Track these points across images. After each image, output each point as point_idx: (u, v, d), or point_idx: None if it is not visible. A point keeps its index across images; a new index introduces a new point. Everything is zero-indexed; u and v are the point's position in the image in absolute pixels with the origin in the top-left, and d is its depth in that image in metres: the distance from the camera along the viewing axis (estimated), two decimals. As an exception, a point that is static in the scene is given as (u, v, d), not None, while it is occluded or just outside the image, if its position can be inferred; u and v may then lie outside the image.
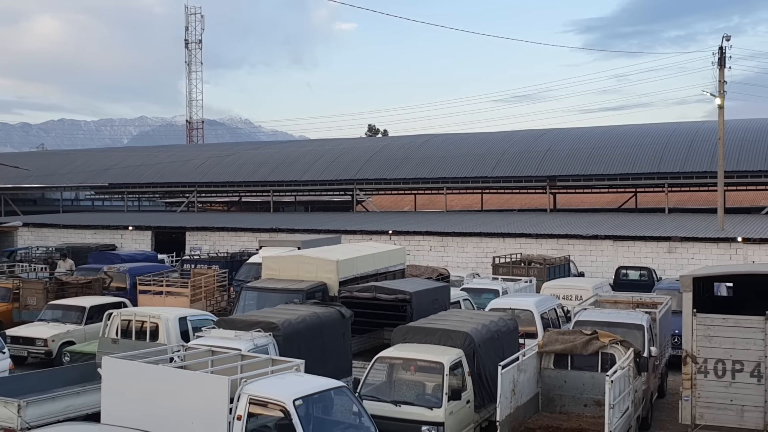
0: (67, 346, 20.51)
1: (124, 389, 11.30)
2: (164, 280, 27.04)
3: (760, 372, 12.71)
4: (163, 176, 57.89)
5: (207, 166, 58.12)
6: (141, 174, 58.87)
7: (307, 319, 14.95)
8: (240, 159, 58.81)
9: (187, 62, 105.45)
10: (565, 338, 14.66)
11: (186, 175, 57.39)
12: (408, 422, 12.61)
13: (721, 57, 35.66)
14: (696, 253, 34.65)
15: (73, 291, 26.11)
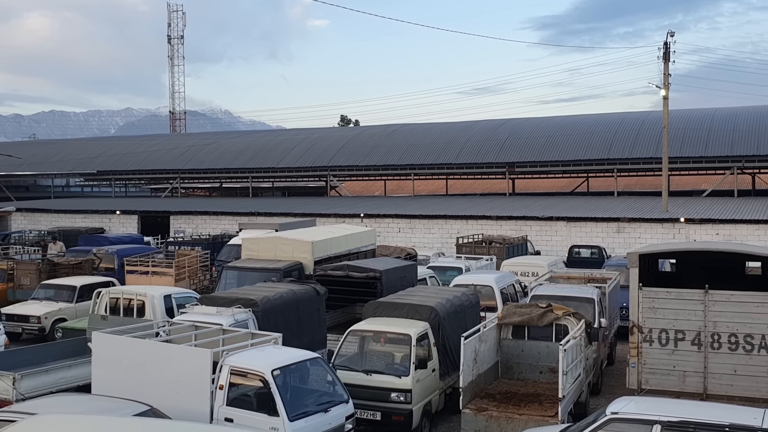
0: (59, 323, 20.35)
1: (112, 362, 11.27)
2: (150, 261, 26.86)
3: (700, 340, 12.83)
4: (149, 164, 57.33)
5: (189, 154, 57.62)
6: (127, 162, 58.23)
7: (284, 296, 14.96)
8: (220, 147, 58.32)
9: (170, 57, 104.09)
10: (522, 311, 14.77)
11: (170, 162, 56.86)
12: (378, 390, 12.68)
13: (666, 52, 35.96)
14: (642, 233, 35.08)
15: (64, 271, 25.89)
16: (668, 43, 35.96)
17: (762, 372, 12.44)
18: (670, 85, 36.32)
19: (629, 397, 10.88)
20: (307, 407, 10.52)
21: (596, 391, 15.73)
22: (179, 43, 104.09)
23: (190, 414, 10.36)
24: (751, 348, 12.53)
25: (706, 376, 12.80)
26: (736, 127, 43.98)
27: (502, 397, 13.08)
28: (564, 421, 11.70)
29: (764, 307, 12.48)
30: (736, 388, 12.57)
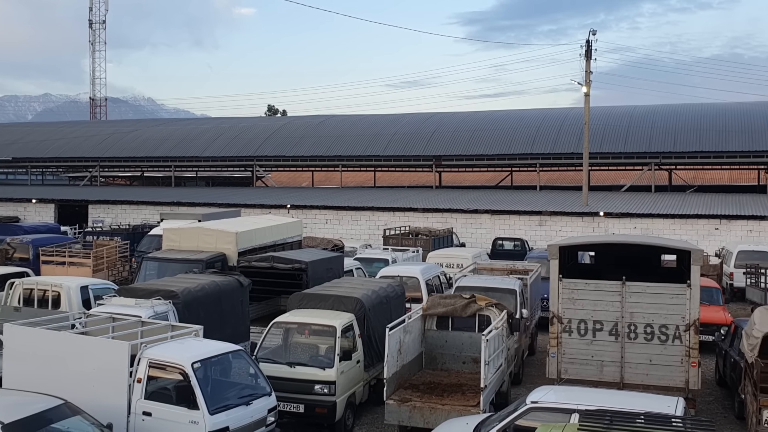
0: (-33, 316, 19.41)
1: (25, 355, 10.85)
2: (67, 251, 26.04)
3: (618, 331, 13.07)
4: (67, 151, 55.60)
5: (110, 141, 56.04)
6: (45, 149, 56.31)
7: (206, 288, 14.69)
8: (142, 135, 56.92)
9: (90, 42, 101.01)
10: (446, 302, 14.88)
11: (89, 150, 55.25)
12: (302, 382, 12.57)
13: (588, 50, 36.85)
14: (563, 226, 35.94)
15: (-26, 262, 24.79)
16: (590, 41, 36.86)
17: (676, 361, 12.77)
18: (591, 82, 37.28)
19: (549, 387, 11.09)
20: (228, 400, 10.35)
21: (517, 380, 15.95)
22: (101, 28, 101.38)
23: (107, 408, 10.07)
24: (666, 338, 12.84)
25: (623, 366, 13.02)
26: (654, 125, 45.45)
27: (426, 388, 13.14)
28: (486, 410, 11.83)
29: (678, 299, 12.82)
30: (651, 377, 12.86)
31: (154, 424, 10.04)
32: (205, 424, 9.80)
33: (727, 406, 14.78)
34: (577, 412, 9.40)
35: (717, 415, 14.08)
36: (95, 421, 9.50)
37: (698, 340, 12.83)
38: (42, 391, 9.86)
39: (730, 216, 34.24)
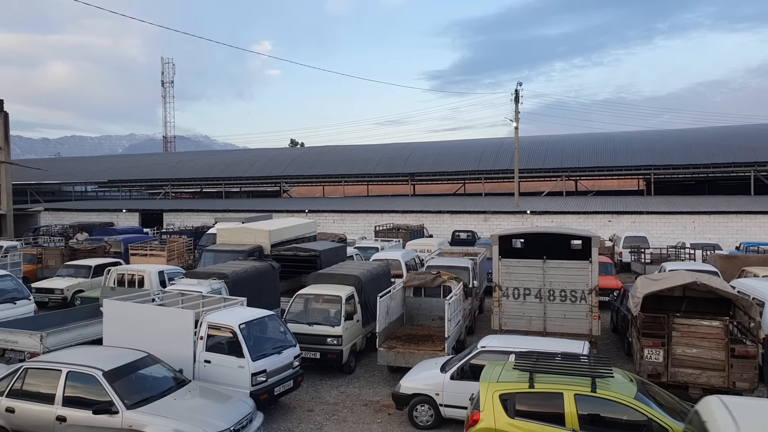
0: (78, 294, 19.25)
1: (119, 322, 10.78)
2: (148, 246, 25.80)
3: (541, 294, 13.07)
4: (147, 174, 55.13)
5: (177, 167, 55.67)
6: (131, 173, 55.87)
7: (248, 270, 14.63)
8: (200, 162, 56.56)
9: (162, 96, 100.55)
10: (420, 277, 14.87)
11: (163, 173, 54.80)
12: (318, 336, 12.56)
13: (516, 96, 36.94)
14: (502, 221, 36.01)
15: (82, 255, 24.57)
16: (518, 90, 36.95)
17: (583, 316, 12.78)
18: (519, 119, 37.40)
19: (494, 335, 11.10)
20: (265, 350, 10.30)
21: (471, 332, 15.94)
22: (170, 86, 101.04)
23: (178, 358, 10.02)
24: (575, 299, 12.85)
25: (545, 320, 13.06)
26: (564, 148, 45.62)
27: (406, 338, 13.12)
28: (449, 353, 11.85)
29: (583, 271, 12.83)
30: (565, 327, 12.87)
31: (213, 369, 9.99)
32: (249, 367, 9.77)
33: (619, 347, 14.83)
34: (513, 353, 9.43)
35: (612, 353, 14.14)
36: (170, 367, 9.47)
37: (598, 300, 12.85)
38: (132, 347, 9.81)
39: (619, 212, 34.42)
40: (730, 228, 32.25)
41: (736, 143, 40.78)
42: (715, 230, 32.35)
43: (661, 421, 7.04)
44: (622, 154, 42.81)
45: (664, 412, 7.26)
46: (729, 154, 39.75)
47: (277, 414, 10.56)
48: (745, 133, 43.11)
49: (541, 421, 7.37)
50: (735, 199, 36.44)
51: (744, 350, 10.09)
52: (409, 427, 9.91)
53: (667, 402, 7.72)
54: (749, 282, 14.47)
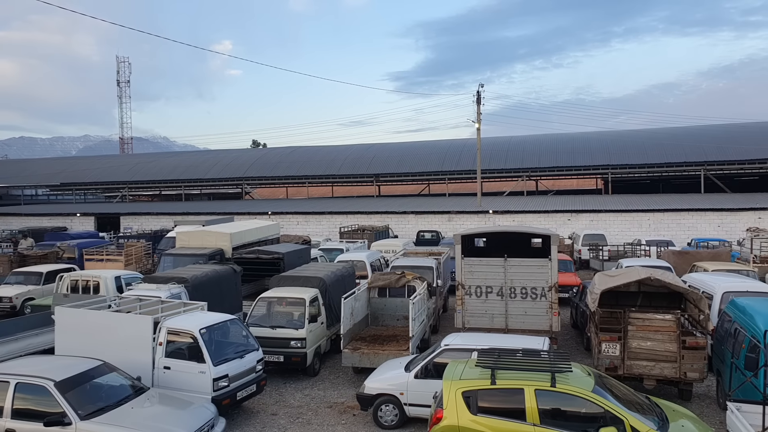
0: (28, 302, 18.51)
1: (72, 330, 10.44)
2: (104, 251, 25.09)
3: (502, 292, 13.25)
4: (103, 177, 53.63)
5: (135, 169, 54.31)
6: (86, 176, 54.25)
7: (209, 274, 14.38)
8: (159, 164, 55.33)
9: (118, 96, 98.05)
10: (384, 277, 14.88)
11: (120, 176, 53.40)
12: (281, 339, 12.44)
13: (478, 97, 37.45)
14: (465, 221, 36.45)
15: (32, 261, 23.63)
16: (480, 91, 37.46)
17: (543, 312, 13.02)
18: (481, 120, 37.92)
19: (457, 334, 11.20)
20: (227, 355, 10.15)
21: (435, 330, 16.10)
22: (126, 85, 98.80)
23: (136, 365, 9.78)
24: (536, 296, 13.08)
25: (507, 317, 13.22)
26: (524, 149, 46.47)
27: (371, 339, 13.14)
28: (414, 352, 11.91)
29: (543, 268, 13.08)
30: (526, 324, 13.07)
31: (173, 375, 9.79)
32: (210, 372, 9.60)
33: (579, 342, 15.15)
34: (476, 350, 9.56)
35: (572, 348, 14.46)
36: (127, 375, 9.23)
37: (557, 297, 13.10)
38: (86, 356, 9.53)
39: (577, 210, 35.28)
40: (682, 225, 33.46)
41: (687, 143, 42.33)
42: (668, 227, 33.52)
43: (617, 413, 7.26)
44: (580, 155, 43.87)
45: (620, 403, 7.49)
46: (681, 154, 41.22)
47: (240, 419, 10.44)
48: (696, 134, 44.79)
49: (503, 417, 7.49)
50: (687, 197, 37.83)
51: (694, 342, 10.48)
52: (374, 428, 9.93)
53: (623, 394, 7.95)
54: (699, 276, 15.05)
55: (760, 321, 9.65)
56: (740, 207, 33.04)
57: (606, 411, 7.27)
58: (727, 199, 35.69)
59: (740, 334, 10.02)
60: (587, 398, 7.37)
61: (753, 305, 10.58)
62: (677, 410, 8.20)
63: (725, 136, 42.81)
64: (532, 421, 7.36)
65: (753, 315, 10.04)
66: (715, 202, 34.87)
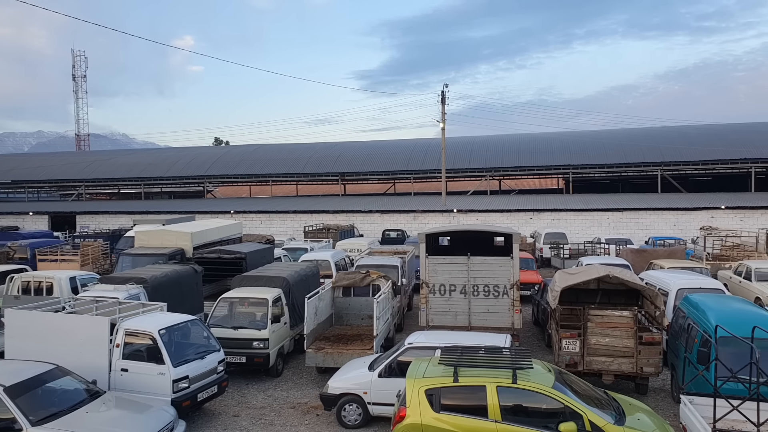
0: (-25, 305, 17.70)
1: (23, 332, 10.07)
2: (59, 251, 24.27)
3: (466, 290, 13.34)
4: (58, 174, 51.80)
5: (92, 167, 52.68)
6: (39, 173, 52.28)
7: (169, 274, 14.09)
8: (118, 161, 53.85)
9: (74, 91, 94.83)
10: (349, 276, 14.87)
11: (76, 174, 51.70)
12: (244, 340, 12.29)
13: (443, 97, 37.77)
14: (430, 220, 36.71)
15: (-21, 263, 22.61)
16: (444, 91, 37.80)
17: (505, 310, 13.17)
18: (446, 120, 38.24)
19: (420, 332, 11.28)
20: (187, 356, 9.97)
21: (400, 329, 16.18)
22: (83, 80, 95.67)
23: (92, 368, 9.51)
24: (498, 294, 13.22)
25: (470, 315, 13.32)
26: (488, 149, 47.07)
27: (335, 339, 13.10)
28: (378, 351, 11.93)
29: (505, 267, 13.23)
30: (489, 322, 13.19)
31: (131, 378, 9.56)
32: (170, 374, 9.42)
33: (540, 339, 15.43)
34: (439, 348, 9.64)
35: (533, 345, 14.74)
36: (82, 379, 8.97)
37: (519, 295, 13.27)
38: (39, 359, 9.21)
39: (539, 209, 35.95)
40: (640, 224, 34.49)
41: (645, 144, 43.63)
42: (627, 226, 34.49)
43: (576, 408, 7.42)
44: (542, 155, 44.71)
45: (579, 399, 7.66)
46: (639, 155, 42.46)
47: (201, 421, 10.26)
48: (653, 135, 46.21)
49: (466, 414, 7.58)
50: (644, 197, 39.00)
51: (650, 337, 10.81)
52: (338, 427, 9.90)
53: (582, 389, 8.14)
54: (656, 273, 15.54)
55: (711, 316, 10.03)
56: (694, 206, 34.26)
57: (566, 406, 7.43)
58: (682, 199, 36.96)
59: (693, 330, 10.39)
60: (548, 394, 7.52)
61: (705, 301, 10.99)
62: (633, 404, 8.45)
63: (681, 138, 44.30)
64: (494, 418, 7.46)
65: (705, 311, 10.42)
66: (671, 201, 36.05)
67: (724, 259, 22.67)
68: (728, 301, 11.18)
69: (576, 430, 7.22)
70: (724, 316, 9.90)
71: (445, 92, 37.65)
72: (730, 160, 40.37)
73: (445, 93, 37.64)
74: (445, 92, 37.65)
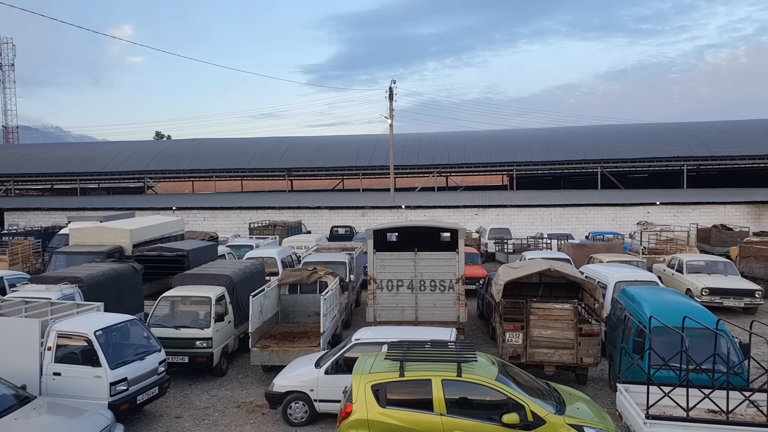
0: None
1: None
2: (-16, 250, 22.92)
3: (413, 285, 13.49)
4: (-18, 169, 48.85)
5: (22, 161, 49.94)
6: (-39, 167, 49.14)
7: (107, 273, 13.55)
8: (51, 155, 51.28)
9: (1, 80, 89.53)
10: (296, 273, 14.77)
11: (4, 168, 48.94)
12: (186, 340, 11.99)
13: (391, 94, 37.92)
14: (379, 216, 36.82)
15: None
16: (392, 88, 37.95)
17: (451, 304, 13.39)
18: (394, 116, 38.43)
19: (368, 328, 11.29)
20: (126, 357, 9.63)
21: (348, 325, 16.16)
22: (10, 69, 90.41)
23: (22, 372, 9.04)
24: (444, 288, 13.43)
25: (417, 309, 13.48)
26: (435, 146, 47.64)
27: (281, 336, 12.97)
28: (325, 348, 11.89)
29: (451, 261, 13.44)
30: (435, 316, 13.38)
31: (64, 381, 9.15)
32: (107, 376, 9.07)
33: (485, 332, 15.75)
34: (386, 343, 9.69)
35: (478, 338, 15.04)
36: (10, 384, 8.51)
37: (464, 289, 13.52)
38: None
39: (485, 206, 36.70)
40: (580, 219, 35.78)
41: (586, 142, 45.26)
42: (568, 221, 35.71)
43: (519, 399, 7.63)
44: (488, 152, 45.66)
45: (521, 390, 7.88)
46: (580, 152, 44.00)
47: (140, 424, 9.94)
48: (594, 134, 47.99)
49: (412, 408, 7.65)
50: (585, 193, 40.49)
51: (590, 329, 11.24)
52: (284, 425, 9.82)
53: (524, 381, 8.38)
54: (595, 267, 16.17)
55: (646, 308, 10.52)
56: (632, 202, 35.83)
57: (509, 398, 7.62)
58: (620, 195, 38.58)
59: (629, 321, 10.87)
60: (491, 386, 7.69)
61: (641, 293, 11.53)
62: (573, 394, 8.76)
63: (619, 136, 46.20)
64: (440, 411, 7.58)
65: (641, 302, 10.93)
66: (610, 197, 37.57)
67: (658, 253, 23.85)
68: (662, 293, 11.76)
69: (518, 420, 7.42)
70: (658, 308, 10.41)
71: (393, 88, 37.82)
72: (665, 158, 42.43)
73: (393, 89, 37.82)
74: (393, 88, 37.82)
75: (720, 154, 41.73)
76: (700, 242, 29.33)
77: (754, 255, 20.38)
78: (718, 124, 49.35)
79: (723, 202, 35.37)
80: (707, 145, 43.08)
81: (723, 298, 17.07)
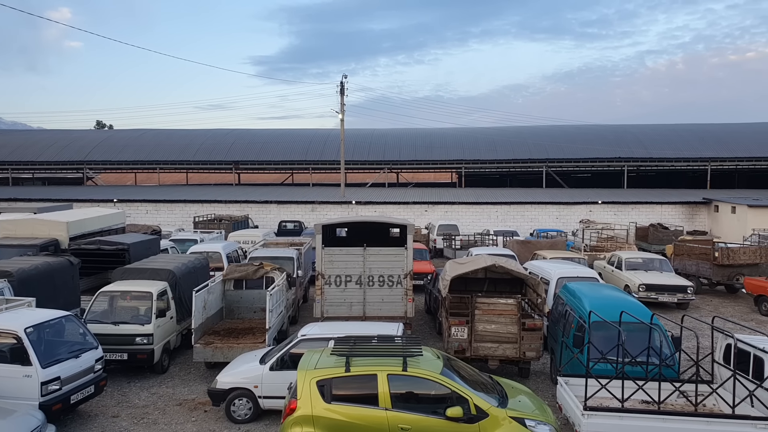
0: None
1: None
2: None
3: (361, 281, 13.54)
4: None
5: (-53, 147, 46.90)
6: None
7: (40, 267, 12.88)
8: (-21, 142, 48.33)
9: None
10: (241, 269, 14.53)
11: (-75, 154, 45.75)
12: (125, 336, 11.61)
13: (342, 88, 37.73)
14: (329, 211, 36.65)
15: None
16: (343, 82, 37.77)
17: (398, 299, 13.51)
18: (345, 111, 38.28)
19: (315, 323, 11.23)
20: (59, 355, 9.22)
21: (295, 321, 16.05)
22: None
23: (-58, 374, 8.49)
24: (392, 284, 13.52)
25: (365, 305, 13.52)
26: (387, 142, 47.77)
27: (226, 333, 12.74)
28: (270, 344, 11.78)
29: (400, 257, 13.54)
30: (383, 311, 13.48)
31: (-9, 382, 8.66)
32: (38, 376, 8.66)
33: (432, 327, 15.92)
34: (333, 339, 9.67)
35: (425, 333, 15.19)
36: (-70, 385, 8.00)
37: (412, 284, 13.65)
38: None
39: (434, 202, 37.13)
40: (526, 216, 36.74)
41: (532, 142, 46.44)
42: (514, 219, 36.60)
43: (462, 393, 7.77)
44: (437, 149, 46.18)
45: (466, 384, 8.03)
46: (526, 152, 45.13)
47: (74, 424, 9.55)
48: (540, 133, 49.31)
49: (357, 404, 7.67)
50: (530, 192, 41.58)
51: (532, 323, 11.57)
52: (227, 423, 9.65)
53: (468, 375, 8.54)
54: (539, 263, 16.64)
55: (586, 303, 10.92)
56: (575, 201, 37.06)
57: (453, 392, 7.75)
58: (564, 194, 39.83)
59: (570, 315, 11.25)
60: (436, 380, 7.80)
61: (582, 289, 11.95)
62: (515, 387, 9.00)
63: (564, 137, 47.65)
64: (385, 406, 7.62)
65: (581, 298, 11.33)
66: (554, 196, 38.73)
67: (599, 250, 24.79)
68: (601, 289, 12.23)
69: (462, 413, 7.56)
70: (597, 303, 10.82)
71: (345, 83, 37.65)
72: (607, 158, 44.07)
73: (345, 84, 37.64)
74: (345, 83, 37.65)
75: (658, 155, 43.70)
76: (639, 240, 30.67)
77: (687, 253, 21.48)
78: (657, 127, 51.64)
79: (660, 202, 37.09)
80: (646, 147, 45.02)
81: (658, 294, 17.91)
